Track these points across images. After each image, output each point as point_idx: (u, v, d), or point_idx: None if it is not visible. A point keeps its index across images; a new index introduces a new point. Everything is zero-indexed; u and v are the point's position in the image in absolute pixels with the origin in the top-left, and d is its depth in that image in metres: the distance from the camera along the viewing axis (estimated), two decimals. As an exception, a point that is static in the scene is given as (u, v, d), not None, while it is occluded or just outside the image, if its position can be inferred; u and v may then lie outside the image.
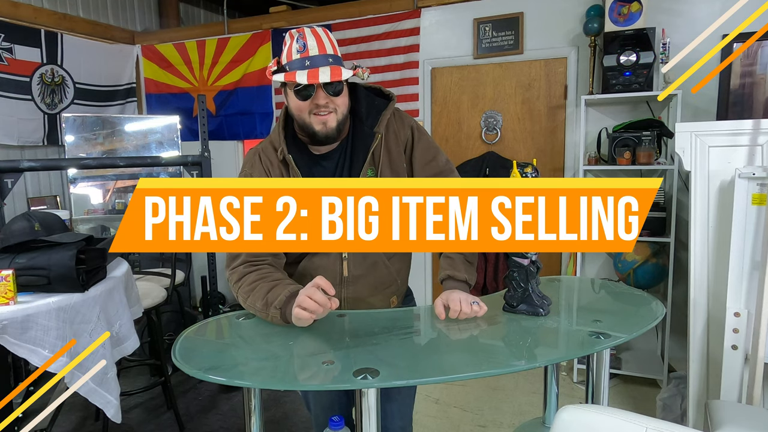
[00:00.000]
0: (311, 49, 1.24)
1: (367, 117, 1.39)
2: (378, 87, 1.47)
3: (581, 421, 1.01)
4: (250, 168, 1.41)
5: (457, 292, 1.30)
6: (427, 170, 1.42)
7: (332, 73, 1.22)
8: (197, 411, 2.79)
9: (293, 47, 1.25)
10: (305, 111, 1.29)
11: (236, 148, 4.39)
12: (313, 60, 1.23)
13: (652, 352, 3.18)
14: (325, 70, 1.22)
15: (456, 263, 1.37)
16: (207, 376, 1.00)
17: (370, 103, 1.41)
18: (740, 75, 2.91)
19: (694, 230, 2.10)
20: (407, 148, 1.43)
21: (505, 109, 3.49)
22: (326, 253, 1.38)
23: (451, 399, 2.85)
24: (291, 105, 1.33)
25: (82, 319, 1.67)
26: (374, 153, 1.37)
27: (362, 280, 1.39)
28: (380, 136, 1.37)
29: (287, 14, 4.06)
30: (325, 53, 1.24)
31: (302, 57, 1.24)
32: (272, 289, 1.24)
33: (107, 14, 4.36)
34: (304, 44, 1.24)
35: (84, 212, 3.97)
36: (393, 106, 1.42)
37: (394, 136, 1.41)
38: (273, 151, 1.40)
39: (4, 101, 3.58)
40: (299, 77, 1.21)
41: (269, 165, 1.39)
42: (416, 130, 1.44)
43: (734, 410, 1.58)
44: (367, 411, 1.06)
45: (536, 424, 1.63)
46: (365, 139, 1.37)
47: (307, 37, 1.24)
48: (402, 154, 1.41)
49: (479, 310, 1.24)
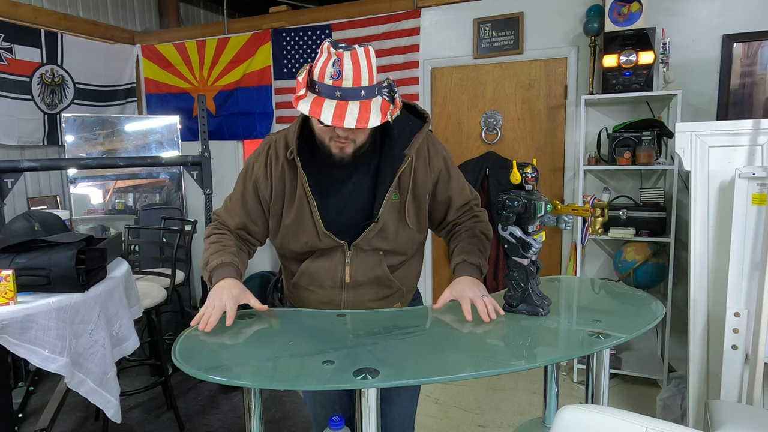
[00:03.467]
0: (346, 79, 1.14)
1: (398, 137, 1.33)
2: (413, 104, 1.41)
3: (581, 421, 1.01)
4: (256, 156, 1.42)
5: (469, 284, 1.29)
6: (461, 198, 1.43)
7: (359, 118, 1.14)
8: (197, 411, 2.79)
9: (328, 69, 1.14)
10: (326, 135, 1.26)
11: (236, 148, 4.39)
12: (344, 93, 1.14)
13: (652, 352, 3.18)
14: (354, 108, 1.14)
15: (469, 248, 1.37)
16: (207, 376, 1.00)
17: (403, 123, 1.34)
18: (740, 75, 2.91)
19: (694, 230, 2.10)
20: (439, 181, 1.39)
21: (505, 109, 3.49)
22: (329, 256, 1.37)
23: (451, 399, 2.85)
24: (312, 121, 1.28)
25: (82, 319, 1.67)
26: (402, 177, 1.34)
27: (364, 287, 1.38)
28: (410, 159, 1.32)
29: (287, 14, 4.06)
30: (359, 86, 1.15)
31: (334, 85, 1.14)
32: (215, 252, 1.36)
33: (107, 14, 4.37)
34: (339, 72, 1.14)
35: (84, 212, 3.98)
36: (427, 128, 1.37)
37: (424, 163, 1.36)
38: (284, 147, 1.36)
39: (4, 101, 3.58)
40: (325, 115, 1.13)
41: (274, 160, 1.37)
42: (448, 160, 1.42)
43: (734, 410, 1.58)
44: (367, 411, 1.06)
45: (536, 424, 1.62)
46: (393, 160, 1.32)
47: (344, 64, 1.13)
48: (427, 184, 1.38)
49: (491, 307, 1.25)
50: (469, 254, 1.35)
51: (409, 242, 1.41)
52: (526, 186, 1.26)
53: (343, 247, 1.36)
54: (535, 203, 1.23)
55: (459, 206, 1.44)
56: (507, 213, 1.25)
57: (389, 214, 1.34)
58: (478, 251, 1.37)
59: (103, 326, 1.75)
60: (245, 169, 1.42)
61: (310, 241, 1.36)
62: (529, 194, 1.25)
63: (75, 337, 1.65)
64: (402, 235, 1.37)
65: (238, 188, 1.43)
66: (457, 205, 1.43)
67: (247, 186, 1.40)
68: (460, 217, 1.45)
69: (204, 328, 1.20)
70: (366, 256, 1.36)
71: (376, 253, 1.37)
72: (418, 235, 1.42)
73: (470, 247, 1.38)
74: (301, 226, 1.35)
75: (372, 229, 1.33)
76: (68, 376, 1.62)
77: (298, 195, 1.34)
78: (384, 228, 1.34)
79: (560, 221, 1.30)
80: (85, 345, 1.69)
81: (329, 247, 1.36)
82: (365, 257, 1.36)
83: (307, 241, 1.36)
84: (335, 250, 1.37)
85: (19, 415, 2.60)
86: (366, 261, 1.37)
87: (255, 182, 1.39)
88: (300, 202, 1.34)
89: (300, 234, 1.36)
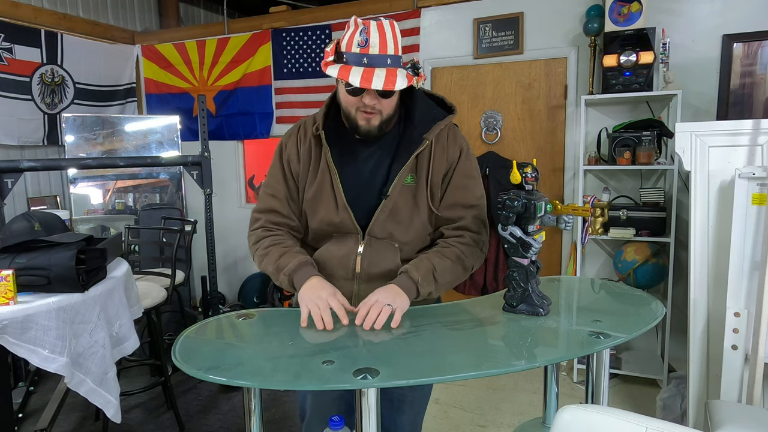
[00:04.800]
0: (372, 46, 1.20)
1: (420, 122, 1.35)
2: (441, 97, 1.43)
3: (581, 421, 1.00)
4: (288, 137, 1.45)
5: (387, 291, 1.24)
6: (457, 196, 1.37)
7: (386, 81, 1.18)
8: (197, 411, 2.79)
9: (355, 39, 1.21)
10: (352, 106, 1.29)
11: (236, 148, 4.39)
12: (372, 59, 1.20)
13: (652, 352, 3.18)
14: (380, 73, 1.18)
15: (423, 264, 1.31)
16: (207, 376, 1.00)
17: (426, 111, 1.37)
18: (740, 75, 2.91)
19: (694, 230, 2.10)
20: (450, 170, 1.38)
21: (505, 109, 3.49)
22: (342, 243, 1.37)
23: (451, 399, 2.85)
24: (340, 95, 1.32)
25: (82, 319, 1.67)
26: (420, 160, 1.34)
27: (376, 281, 1.34)
28: (427, 143, 1.33)
29: (287, 14, 4.06)
30: (385, 53, 1.21)
31: (361, 53, 1.20)
32: (283, 255, 1.34)
33: (107, 14, 4.37)
34: (366, 39, 1.20)
35: (84, 212, 3.98)
36: (451, 119, 1.38)
37: (442, 151, 1.36)
38: (312, 124, 1.40)
39: (4, 101, 3.58)
40: (353, 78, 1.18)
41: (302, 137, 1.41)
42: (465, 151, 1.40)
43: (734, 410, 1.58)
44: (367, 411, 1.06)
45: (536, 424, 1.62)
46: (412, 143, 1.33)
47: (371, 32, 1.20)
48: (442, 173, 1.37)
49: (383, 317, 1.18)
50: (417, 269, 1.29)
51: (423, 232, 1.39)
52: (526, 186, 1.26)
53: (357, 236, 1.36)
54: (535, 203, 1.23)
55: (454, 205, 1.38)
56: (507, 213, 1.25)
57: (402, 196, 1.34)
58: (430, 270, 1.30)
59: (103, 326, 1.75)
60: (279, 150, 1.46)
61: (327, 216, 1.36)
62: (529, 194, 1.25)
63: (75, 337, 1.65)
64: (416, 222, 1.36)
65: (275, 170, 1.45)
66: (451, 202, 1.37)
67: (283, 165, 1.43)
68: (450, 236, 1.39)
69: (328, 326, 1.18)
70: (380, 246, 1.35)
71: (391, 244, 1.36)
72: (431, 226, 1.41)
73: (425, 264, 1.31)
74: (321, 199, 1.37)
75: (383, 208, 1.33)
76: (68, 376, 1.62)
77: (321, 169, 1.37)
78: (396, 210, 1.34)
79: (560, 221, 1.30)
80: (85, 345, 1.69)
81: (344, 231, 1.36)
82: (379, 248, 1.35)
83: (324, 215, 1.36)
84: (349, 237, 1.36)
85: (19, 415, 2.60)
86: (379, 252, 1.35)
87: (288, 160, 1.42)
88: (322, 175, 1.36)
89: (318, 208, 1.37)
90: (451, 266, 1.33)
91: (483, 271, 3.48)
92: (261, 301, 4.24)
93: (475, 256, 1.37)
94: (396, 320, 1.21)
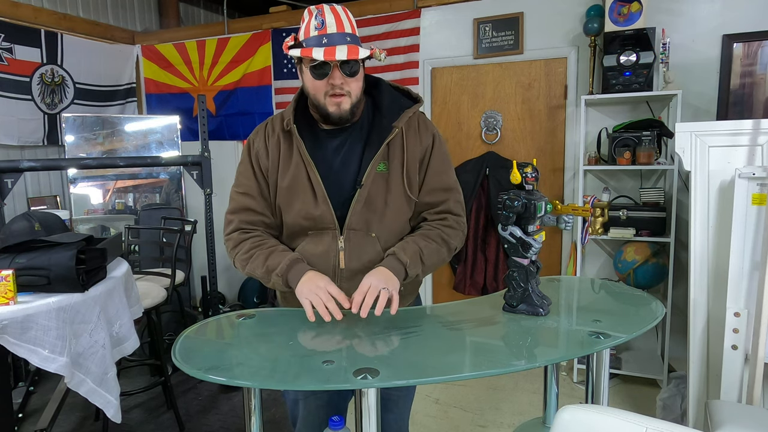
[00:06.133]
0: (329, 26, 1.22)
1: (388, 111, 1.37)
2: (407, 89, 1.44)
3: (581, 421, 1.00)
4: (255, 134, 1.44)
5: (379, 274, 1.24)
6: (436, 180, 1.39)
7: (349, 51, 1.20)
8: (197, 411, 2.79)
9: (311, 24, 1.24)
10: (321, 91, 1.29)
11: (236, 148, 4.39)
12: (331, 38, 1.22)
13: (652, 352, 3.18)
14: (342, 48, 1.20)
15: (410, 247, 1.32)
16: (207, 376, 1.00)
17: (393, 99, 1.39)
18: (740, 75, 2.91)
19: (694, 230, 2.10)
20: (426, 155, 1.39)
21: (505, 109, 3.49)
22: (321, 240, 1.35)
23: (451, 399, 2.85)
24: (307, 84, 1.32)
25: (82, 319, 1.67)
26: (391, 148, 1.35)
27: (360, 276, 1.30)
28: (397, 131, 1.34)
29: (287, 14, 4.06)
30: (343, 31, 1.23)
31: (320, 34, 1.22)
32: (270, 256, 1.32)
33: (107, 14, 4.37)
34: (322, 21, 1.22)
35: (84, 212, 3.98)
36: (418, 107, 1.40)
37: (415, 136, 1.38)
38: (280, 121, 1.40)
39: (4, 101, 3.58)
40: (316, 53, 1.20)
41: (270, 132, 1.41)
42: (437, 138, 1.42)
43: (734, 410, 1.58)
44: (366, 411, 1.06)
45: (536, 424, 1.62)
46: (382, 132, 1.34)
47: (326, 14, 1.23)
48: (418, 159, 1.38)
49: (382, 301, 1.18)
50: (404, 251, 1.30)
51: (400, 220, 1.38)
52: (526, 186, 1.26)
53: (335, 231, 1.34)
54: (535, 203, 1.23)
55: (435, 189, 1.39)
56: (507, 213, 1.25)
57: (375, 184, 1.34)
58: (416, 252, 1.32)
59: (103, 326, 1.75)
60: (246, 148, 1.45)
61: (304, 209, 1.34)
62: (529, 194, 1.25)
63: (75, 337, 1.65)
64: (391, 209, 1.35)
65: (244, 168, 1.44)
66: (432, 187, 1.39)
67: (252, 162, 1.42)
68: (433, 220, 1.41)
69: (335, 315, 1.17)
70: (358, 239, 1.34)
71: (368, 235, 1.35)
72: (409, 212, 1.41)
73: (412, 246, 1.32)
74: (296, 192, 1.35)
75: (359, 198, 1.32)
76: (68, 376, 1.62)
77: (294, 162, 1.36)
78: (370, 199, 1.33)
79: (560, 221, 1.30)
80: (85, 345, 1.69)
81: (320, 227, 1.35)
82: (358, 241, 1.34)
83: (301, 208, 1.35)
84: (325, 234, 1.35)
85: (19, 415, 2.60)
86: (359, 245, 1.34)
87: (257, 156, 1.41)
88: (297, 168, 1.35)
89: (294, 201, 1.36)
90: (436, 248, 1.35)
91: (483, 271, 3.48)
92: (261, 301, 4.24)
93: (458, 238, 1.40)
94: (394, 307, 1.21)
